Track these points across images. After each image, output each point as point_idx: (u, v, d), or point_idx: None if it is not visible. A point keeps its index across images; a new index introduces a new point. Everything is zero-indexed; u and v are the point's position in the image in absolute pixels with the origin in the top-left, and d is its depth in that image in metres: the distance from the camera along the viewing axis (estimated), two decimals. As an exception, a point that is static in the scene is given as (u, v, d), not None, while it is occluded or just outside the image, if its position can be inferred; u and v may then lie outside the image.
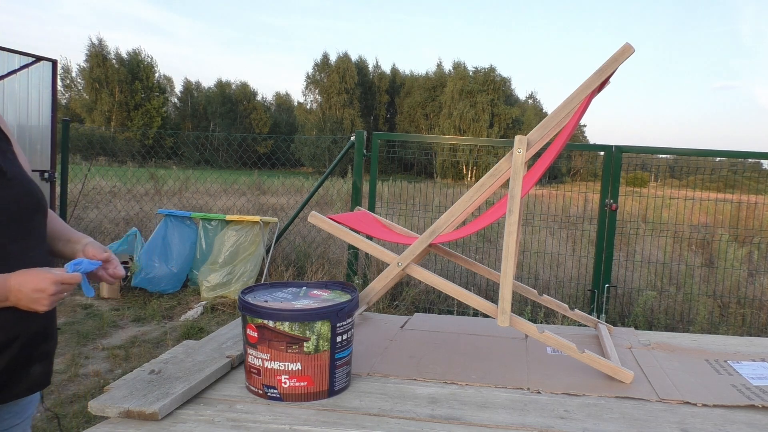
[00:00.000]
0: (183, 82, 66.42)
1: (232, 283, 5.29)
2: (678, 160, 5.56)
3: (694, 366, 1.49)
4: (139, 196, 8.47)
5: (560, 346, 1.37)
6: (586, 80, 1.33)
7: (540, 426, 1.11)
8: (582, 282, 4.98)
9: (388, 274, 1.51)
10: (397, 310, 4.83)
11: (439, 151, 8.08)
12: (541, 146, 1.38)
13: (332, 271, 5.55)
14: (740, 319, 4.70)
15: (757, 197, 5.10)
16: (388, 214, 5.29)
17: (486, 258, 5.48)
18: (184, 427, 1.06)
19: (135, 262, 5.45)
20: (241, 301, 1.23)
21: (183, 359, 1.34)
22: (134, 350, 4.02)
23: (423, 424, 1.10)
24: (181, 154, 22.13)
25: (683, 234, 5.22)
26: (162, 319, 4.82)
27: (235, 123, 54.32)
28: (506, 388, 1.30)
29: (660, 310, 4.80)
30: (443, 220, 1.47)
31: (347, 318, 1.22)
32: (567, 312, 1.79)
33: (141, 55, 51.06)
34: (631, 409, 1.20)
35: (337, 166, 5.62)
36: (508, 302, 1.37)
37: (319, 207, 7.45)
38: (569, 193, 5.83)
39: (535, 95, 76.63)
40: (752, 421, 1.16)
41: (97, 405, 1.09)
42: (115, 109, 48.11)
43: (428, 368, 1.41)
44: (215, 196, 9.11)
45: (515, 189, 1.34)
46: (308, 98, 57.72)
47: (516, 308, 4.57)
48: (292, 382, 1.18)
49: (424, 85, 58.47)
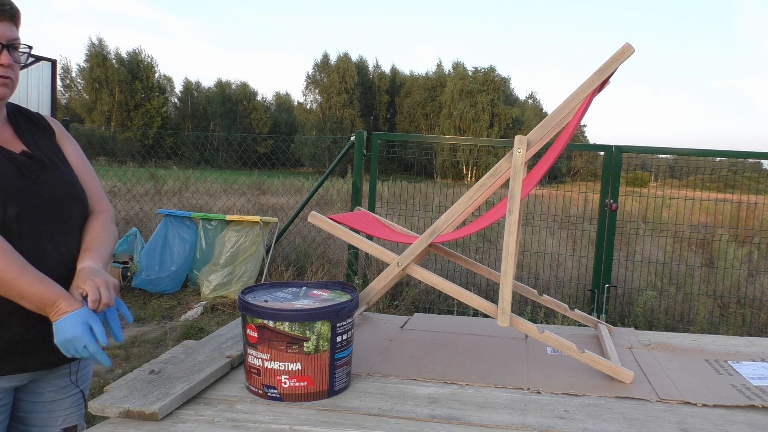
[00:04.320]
0: (183, 82, 66.40)
1: (232, 283, 5.29)
2: (678, 160, 5.55)
3: (694, 366, 1.49)
4: (139, 196, 8.47)
5: (560, 346, 1.37)
6: (586, 80, 1.33)
7: (540, 426, 1.11)
8: (582, 282, 4.98)
9: (388, 274, 1.51)
10: (397, 310, 4.83)
11: (439, 151, 8.09)
12: (541, 146, 1.38)
13: (332, 271, 5.55)
14: (740, 319, 4.70)
15: (757, 197, 5.09)
16: (388, 214, 5.29)
17: (486, 258, 5.48)
18: (184, 427, 1.06)
19: (135, 263, 5.45)
20: (241, 301, 1.23)
21: (183, 359, 1.34)
22: (134, 350, 4.02)
23: (423, 424, 1.10)
24: (181, 154, 22.13)
25: (683, 234, 5.22)
26: (162, 319, 4.82)
27: (235, 123, 54.30)
28: (506, 388, 1.30)
29: (660, 310, 4.80)
30: (443, 220, 1.47)
31: (347, 318, 1.22)
32: (567, 312, 1.79)
33: (141, 55, 51.04)
34: (631, 409, 1.20)
35: (337, 166, 5.62)
36: (508, 302, 1.37)
37: (319, 207, 7.45)
38: (569, 193, 5.82)
39: (535, 95, 76.69)
40: (752, 421, 1.16)
41: (97, 405, 1.09)
42: (115, 109, 48.07)
43: (428, 368, 1.41)
44: (215, 196, 9.11)
45: (515, 189, 1.34)
46: (308, 98, 57.75)
47: (516, 308, 4.57)
48: (292, 382, 1.18)
49: (424, 85, 58.45)
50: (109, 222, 1.44)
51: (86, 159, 1.49)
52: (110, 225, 1.44)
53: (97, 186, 1.48)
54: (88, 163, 1.48)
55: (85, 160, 1.48)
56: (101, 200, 1.46)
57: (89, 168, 1.48)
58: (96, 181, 1.48)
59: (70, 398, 1.41)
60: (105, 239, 1.38)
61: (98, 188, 1.48)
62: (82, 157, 1.48)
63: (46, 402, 1.37)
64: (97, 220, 1.41)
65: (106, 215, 1.45)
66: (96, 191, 1.46)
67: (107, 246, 1.38)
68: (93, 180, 1.47)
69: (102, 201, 1.47)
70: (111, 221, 1.45)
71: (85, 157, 1.50)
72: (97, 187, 1.47)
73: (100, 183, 1.51)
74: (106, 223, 1.42)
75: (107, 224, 1.43)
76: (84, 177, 1.44)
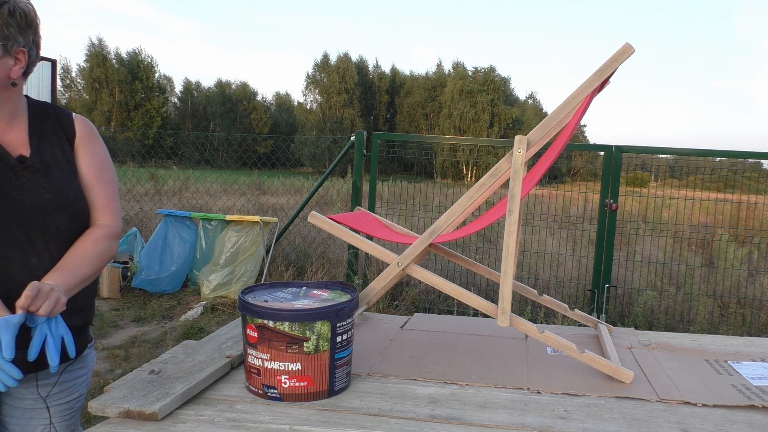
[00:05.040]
0: (183, 82, 66.49)
1: (232, 283, 5.29)
2: (678, 160, 5.56)
3: (694, 366, 1.49)
4: (139, 196, 8.47)
5: (560, 346, 1.37)
6: (586, 80, 1.33)
7: (540, 426, 1.11)
8: (582, 282, 4.98)
9: (388, 274, 1.51)
10: (397, 310, 4.83)
11: (439, 151, 8.09)
12: (541, 146, 1.38)
13: (332, 271, 5.55)
14: (740, 319, 4.70)
15: (757, 197, 5.09)
16: (388, 214, 5.29)
17: (486, 258, 5.48)
18: (184, 427, 1.06)
19: (135, 263, 5.46)
20: (241, 301, 1.23)
21: (183, 359, 1.34)
22: (134, 350, 4.02)
23: (423, 424, 1.10)
24: (181, 154, 22.14)
25: (683, 234, 5.22)
26: (162, 319, 4.82)
27: (235, 123, 54.33)
28: (506, 388, 1.30)
29: (660, 310, 4.80)
30: (443, 220, 1.47)
31: (347, 318, 1.22)
32: (567, 312, 1.79)
33: (141, 55, 51.09)
34: (631, 409, 1.20)
35: (337, 166, 5.62)
36: (508, 302, 1.37)
37: (319, 207, 7.45)
38: (569, 193, 5.82)
39: (535, 95, 76.81)
40: (752, 421, 1.16)
41: (96, 405, 1.09)
42: (115, 109, 48.10)
43: (428, 368, 1.41)
44: (215, 196, 9.11)
45: (515, 189, 1.34)
46: (308, 98, 57.79)
47: (516, 308, 4.57)
48: (292, 382, 1.18)
49: (424, 85, 58.47)
50: (102, 239, 1.33)
51: (106, 169, 1.41)
52: (103, 242, 1.33)
53: (108, 198, 1.39)
54: (106, 174, 1.40)
55: (103, 169, 1.40)
56: (106, 214, 1.38)
57: (105, 179, 1.39)
58: (107, 193, 1.39)
59: (54, 407, 1.37)
60: (85, 260, 1.28)
61: (108, 201, 1.39)
62: (101, 166, 1.39)
63: (25, 408, 1.35)
64: (91, 235, 1.33)
65: (104, 231, 1.35)
66: (103, 203, 1.37)
67: (84, 268, 1.27)
68: (103, 192, 1.38)
69: (106, 215, 1.38)
70: (107, 238, 1.35)
71: (108, 166, 1.41)
72: (106, 199, 1.38)
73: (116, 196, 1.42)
74: (98, 240, 1.32)
75: (99, 241, 1.32)
76: (93, 188, 1.36)
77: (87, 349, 1.46)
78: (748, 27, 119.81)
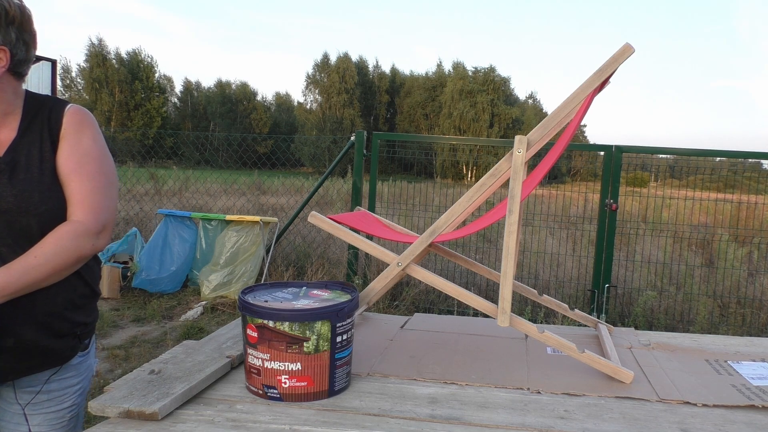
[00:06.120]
0: (183, 82, 66.44)
1: (232, 283, 5.29)
2: (678, 160, 5.56)
3: (694, 366, 1.49)
4: (139, 196, 8.46)
5: (560, 346, 1.37)
6: (586, 80, 1.33)
7: (540, 426, 1.10)
8: (582, 282, 4.98)
9: (388, 274, 1.51)
10: (397, 310, 4.83)
11: (439, 151, 8.10)
12: (541, 146, 1.38)
13: (332, 271, 5.55)
14: (740, 319, 4.70)
15: (757, 197, 5.09)
16: (388, 214, 5.29)
17: (486, 258, 5.48)
18: (184, 427, 1.06)
19: (135, 263, 5.45)
20: (241, 301, 1.23)
21: (183, 359, 1.34)
22: (134, 350, 4.02)
23: (423, 424, 1.10)
24: (181, 154, 22.12)
25: (683, 234, 5.22)
26: (162, 319, 4.82)
27: (235, 123, 54.32)
28: (506, 388, 1.30)
29: (660, 310, 4.80)
30: (443, 220, 1.47)
31: (347, 318, 1.22)
32: (567, 312, 1.79)
33: (141, 55, 51.11)
34: (631, 409, 1.20)
35: (337, 166, 5.62)
36: (508, 302, 1.36)
37: (319, 207, 7.45)
38: (569, 193, 5.82)
39: (535, 95, 76.83)
40: (752, 421, 1.16)
41: (96, 405, 1.09)
42: (115, 109, 48.09)
43: (428, 368, 1.41)
44: (215, 196, 9.11)
45: (515, 189, 1.34)
46: (308, 98, 57.81)
47: (516, 308, 4.57)
48: (292, 382, 1.17)
49: (424, 85, 58.47)
50: (67, 236, 1.21)
51: (89, 161, 1.29)
52: (67, 240, 1.21)
53: (85, 193, 1.27)
54: (86, 167, 1.29)
55: (83, 162, 1.28)
56: (80, 209, 1.25)
57: (85, 172, 1.28)
58: (86, 188, 1.27)
59: (41, 415, 1.35)
60: (39, 259, 1.18)
61: (84, 195, 1.27)
62: (81, 158, 1.29)
63: (13, 413, 1.34)
64: (57, 232, 1.22)
65: (72, 227, 1.23)
66: (78, 198, 1.26)
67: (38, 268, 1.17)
68: (80, 186, 1.27)
69: (80, 210, 1.25)
70: (76, 235, 1.22)
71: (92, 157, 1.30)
72: (82, 194, 1.26)
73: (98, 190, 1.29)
74: (61, 237, 1.21)
75: (63, 239, 1.21)
76: (69, 181, 1.26)
77: (78, 357, 1.39)
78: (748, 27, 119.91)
